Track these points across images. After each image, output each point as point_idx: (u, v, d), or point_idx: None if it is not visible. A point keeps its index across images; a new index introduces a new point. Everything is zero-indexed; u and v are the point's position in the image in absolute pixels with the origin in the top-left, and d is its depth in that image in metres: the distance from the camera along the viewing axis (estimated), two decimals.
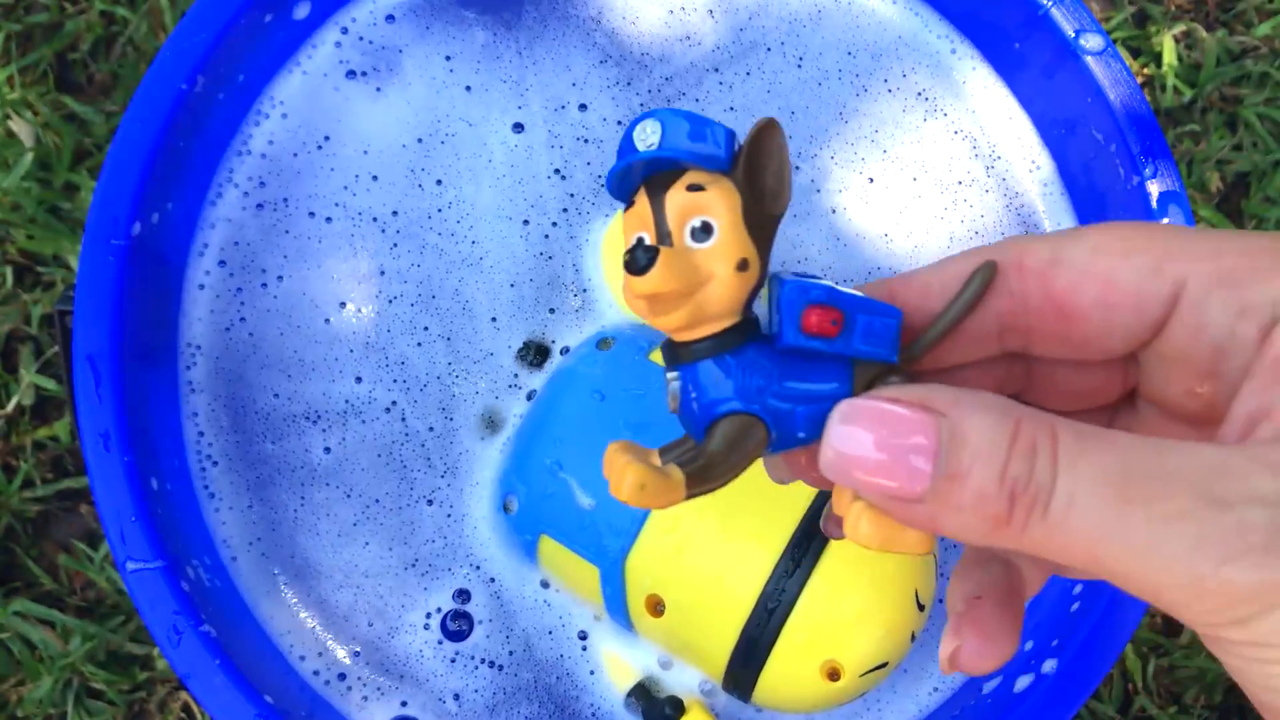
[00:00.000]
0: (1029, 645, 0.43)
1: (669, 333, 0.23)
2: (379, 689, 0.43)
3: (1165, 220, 0.43)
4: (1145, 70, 0.62)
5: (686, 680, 0.43)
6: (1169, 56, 0.62)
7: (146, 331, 0.43)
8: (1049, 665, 0.41)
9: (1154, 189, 0.43)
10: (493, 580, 0.44)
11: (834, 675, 0.38)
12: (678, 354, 0.23)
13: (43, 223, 0.56)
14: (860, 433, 0.20)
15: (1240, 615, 0.18)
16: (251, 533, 0.44)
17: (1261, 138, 0.61)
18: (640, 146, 0.22)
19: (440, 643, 0.44)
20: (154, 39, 0.59)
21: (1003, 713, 0.41)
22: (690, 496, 0.22)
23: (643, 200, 0.22)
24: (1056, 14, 0.44)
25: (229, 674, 0.39)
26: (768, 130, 0.22)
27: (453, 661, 0.43)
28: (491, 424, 0.45)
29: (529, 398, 0.45)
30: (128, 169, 0.42)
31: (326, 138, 0.46)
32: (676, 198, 0.22)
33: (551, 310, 0.45)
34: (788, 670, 0.38)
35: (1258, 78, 0.63)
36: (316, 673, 0.43)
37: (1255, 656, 0.19)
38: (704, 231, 0.21)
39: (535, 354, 0.45)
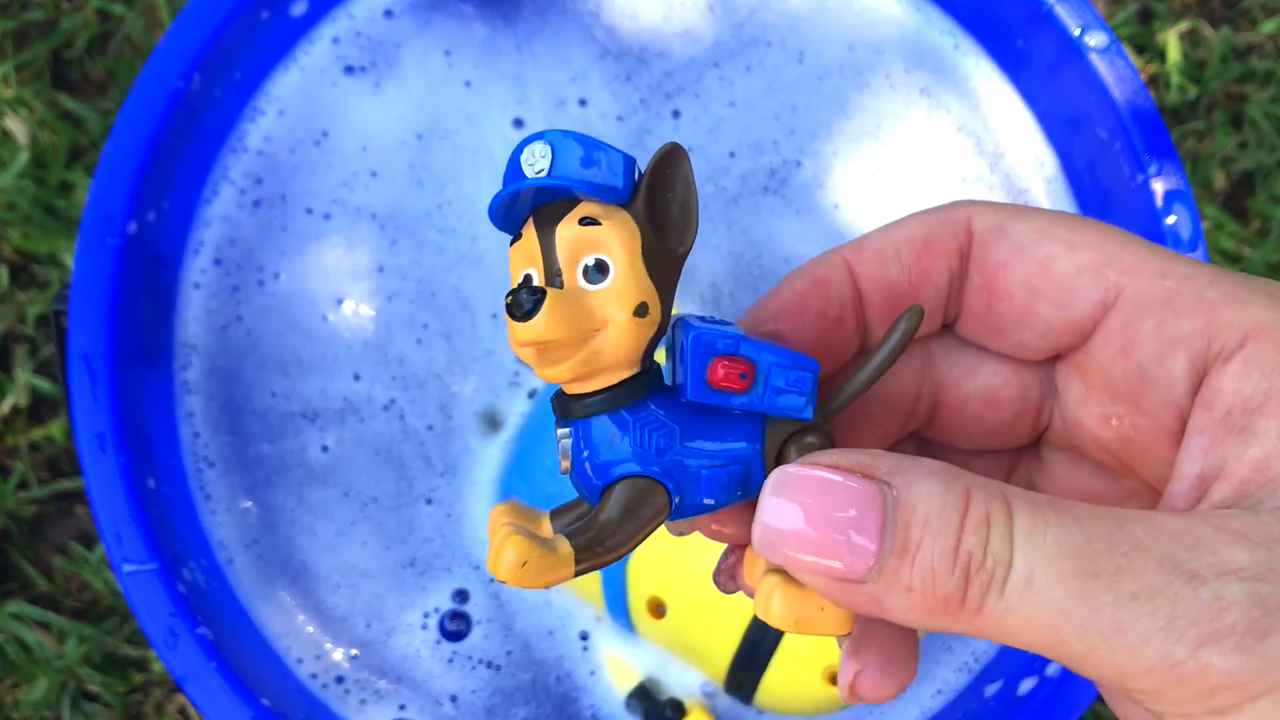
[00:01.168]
0: None
1: (559, 384, 0.20)
2: (377, 691, 0.43)
3: (1171, 219, 0.42)
4: (1150, 68, 0.62)
5: (688, 681, 0.42)
6: (1174, 54, 0.61)
7: (142, 331, 0.43)
8: (1053, 668, 0.41)
9: (1158, 187, 0.43)
10: (492, 580, 0.44)
11: (835, 679, 0.37)
12: (569, 408, 0.20)
13: (38, 221, 0.56)
14: (796, 506, 0.18)
15: (1219, 705, 0.17)
16: (248, 534, 0.43)
17: (1267, 135, 0.61)
18: (528, 172, 0.19)
19: (438, 643, 0.43)
20: (150, 36, 0.58)
21: (1006, 716, 0.41)
22: (580, 573, 0.19)
23: (530, 233, 0.20)
24: (1060, 11, 0.44)
25: (225, 676, 0.39)
26: (670, 157, 0.20)
27: (450, 662, 0.43)
28: (492, 422, 0.44)
29: (530, 396, 0.44)
30: (123, 167, 0.42)
31: (324, 134, 0.46)
32: (568, 232, 0.19)
33: None
34: (789, 674, 0.38)
35: (1263, 75, 0.62)
36: (314, 675, 0.43)
37: None
38: (598, 271, 0.19)
39: None
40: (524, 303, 0.19)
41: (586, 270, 0.19)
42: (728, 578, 0.23)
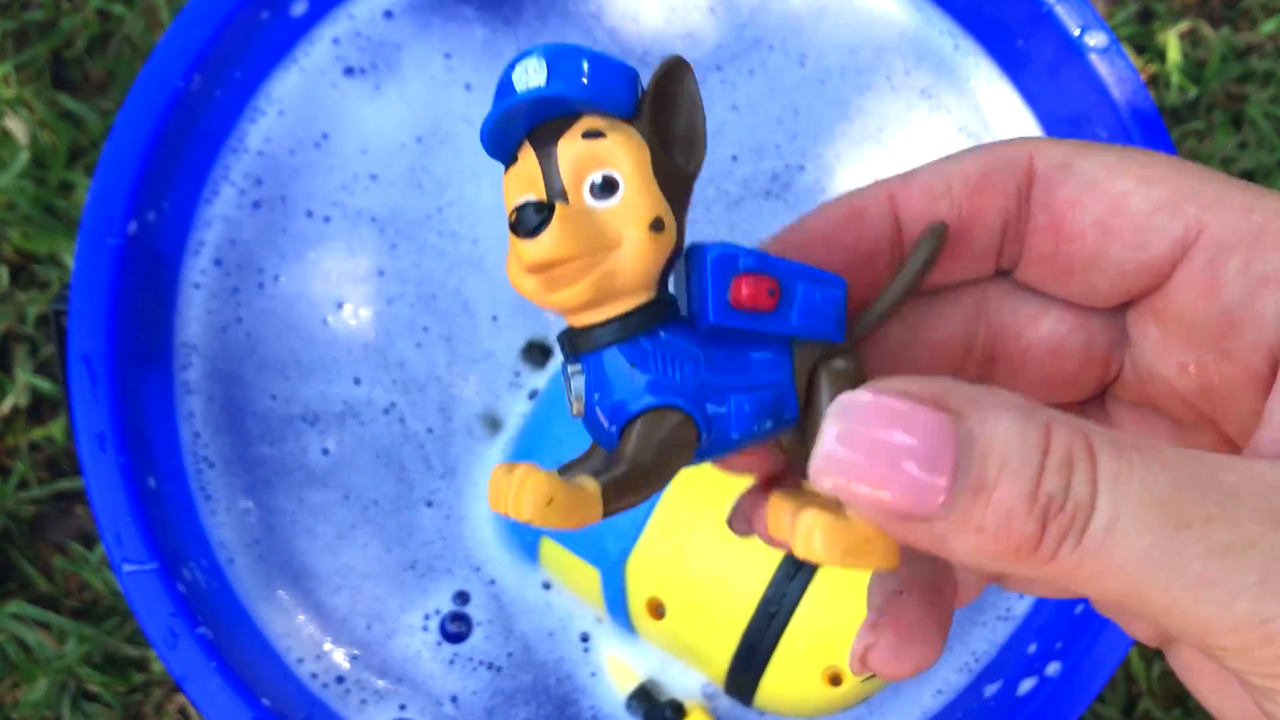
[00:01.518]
0: (1032, 648, 0.42)
1: (567, 314, 0.18)
2: (377, 692, 0.43)
3: None
4: (1150, 68, 0.62)
5: (689, 683, 0.42)
6: (1173, 54, 0.61)
7: (142, 331, 0.43)
8: (1053, 668, 0.41)
9: None
10: (493, 582, 0.44)
11: (835, 680, 0.37)
12: (577, 342, 0.18)
13: (38, 221, 0.56)
14: (862, 436, 0.16)
15: None
16: (249, 534, 0.43)
17: (1267, 136, 0.61)
18: (521, 88, 0.17)
19: (439, 644, 0.43)
20: (150, 36, 0.58)
21: (1006, 716, 0.41)
22: (608, 513, 0.18)
23: (528, 154, 0.18)
24: (1060, 11, 0.44)
25: (226, 676, 0.39)
26: (675, 71, 0.18)
27: (451, 663, 0.43)
28: (493, 424, 0.44)
29: (530, 397, 0.44)
30: (123, 167, 0.42)
31: (324, 136, 0.46)
32: (571, 148, 0.18)
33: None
34: (789, 675, 0.38)
35: (1263, 75, 0.62)
36: (314, 675, 0.43)
37: None
38: (607, 188, 0.17)
39: (538, 354, 0.45)
40: (529, 219, 0.17)
41: (594, 188, 0.18)
42: (743, 520, 0.21)
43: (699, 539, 0.38)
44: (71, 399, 0.40)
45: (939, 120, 0.47)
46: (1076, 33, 0.44)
